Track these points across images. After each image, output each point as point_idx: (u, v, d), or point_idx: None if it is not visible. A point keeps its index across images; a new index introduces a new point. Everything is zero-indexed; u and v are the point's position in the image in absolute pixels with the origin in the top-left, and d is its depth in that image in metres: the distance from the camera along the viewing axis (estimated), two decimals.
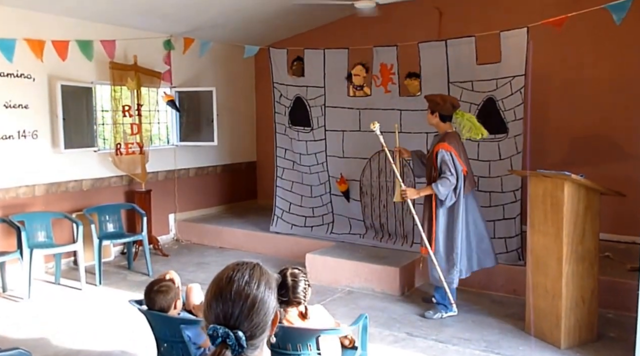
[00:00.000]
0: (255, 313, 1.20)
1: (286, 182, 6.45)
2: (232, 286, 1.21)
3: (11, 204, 5.38)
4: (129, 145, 6.23)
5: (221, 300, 1.20)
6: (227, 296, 1.20)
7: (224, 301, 1.20)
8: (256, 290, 1.22)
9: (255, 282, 1.23)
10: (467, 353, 3.84)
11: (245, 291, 1.21)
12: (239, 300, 1.20)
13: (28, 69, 5.41)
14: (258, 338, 1.22)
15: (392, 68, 5.56)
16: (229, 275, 1.24)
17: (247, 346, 1.18)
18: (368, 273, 5.16)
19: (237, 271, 1.24)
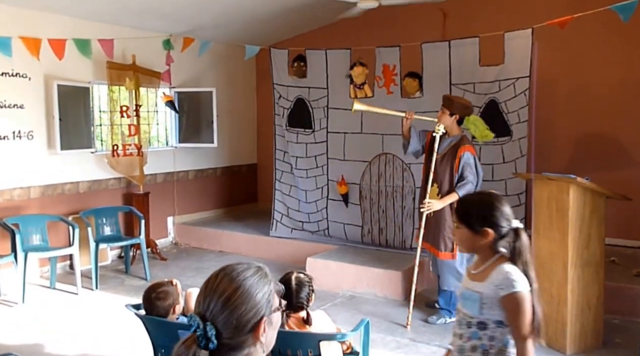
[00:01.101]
0: (231, 310, 1.20)
1: (285, 186, 6.45)
2: (217, 279, 1.24)
3: (5, 206, 5.37)
4: (127, 147, 6.22)
5: (203, 292, 1.23)
6: (210, 288, 1.23)
7: (206, 293, 1.22)
8: (238, 286, 1.22)
9: (242, 280, 1.23)
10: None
11: (228, 285, 1.21)
12: (218, 293, 1.21)
13: (24, 68, 5.41)
14: (233, 339, 1.20)
15: (394, 69, 5.57)
16: (223, 268, 1.27)
17: (221, 344, 1.18)
18: (370, 278, 5.16)
19: (230, 267, 1.26)
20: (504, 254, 1.98)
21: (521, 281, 1.91)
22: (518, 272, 1.92)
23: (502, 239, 1.98)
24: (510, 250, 1.97)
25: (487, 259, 2.01)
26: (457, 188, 4.19)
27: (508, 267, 1.93)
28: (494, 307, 1.94)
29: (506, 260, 1.97)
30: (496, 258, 1.99)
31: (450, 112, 4.33)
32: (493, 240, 1.98)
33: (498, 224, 1.96)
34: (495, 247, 1.99)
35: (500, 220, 1.97)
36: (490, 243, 1.98)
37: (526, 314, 1.89)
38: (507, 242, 1.97)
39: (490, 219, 1.97)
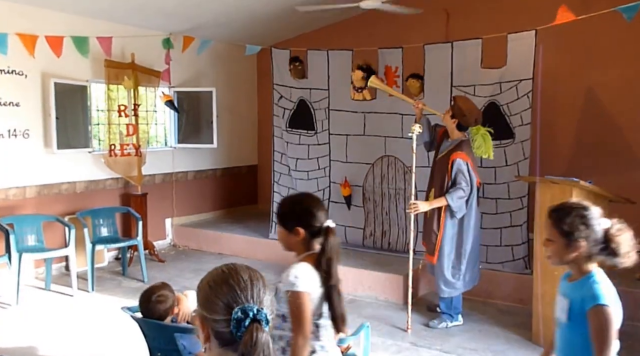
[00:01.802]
0: (269, 294, 1.27)
1: (283, 188, 6.40)
2: (239, 272, 1.27)
3: (2, 205, 5.32)
4: (125, 147, 6.18)
5: (235, 284, 1.24)
6: (239, 280, 1.25)
7: (238, 284, 1.24)
8: (260, 276, 1.29)
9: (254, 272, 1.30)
10: None
11: (255, 275, 1.28)
12: (261, 282, 1.27)
13: (20, 65, 5.36)
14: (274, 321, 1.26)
15: (396, 70, 5.55)
16: (226, 265, 1.30)
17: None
18: (372, 281, 5.12)
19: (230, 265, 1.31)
20: (312, 253, 2.07)
21: (301, 281, 1.99)
22: (303, 271, 2.01)
23: (313, 238, 2.08)
24: (320, 248, 2.05)
25: (299, 256, 2.10)
26: (447, 193, 4.17)
27: (296, 267, 2.03)
28: (282, 301, 2.02)
29: (311, 258, 2.06)
30: (303, 256, 2.09)
31: (452, 113, 4.31)
32: (305, 239, 2.08)
33: (309, 223, 2.07)
34: (307, 245, 2.09)
35: (312, 220, 2.07)
36: (302, 241, 2.09)
37: (302, 313, 1.97)
38: (319, 241, 2.06)
39: (302, 219, 2.08)
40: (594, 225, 1.93)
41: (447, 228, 4.28)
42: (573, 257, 1.96)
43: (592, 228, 1.93)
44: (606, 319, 1.89)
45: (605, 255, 1.94)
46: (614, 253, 1.93)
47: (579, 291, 1.96)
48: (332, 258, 2.05)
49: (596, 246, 1.93)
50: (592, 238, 1.93)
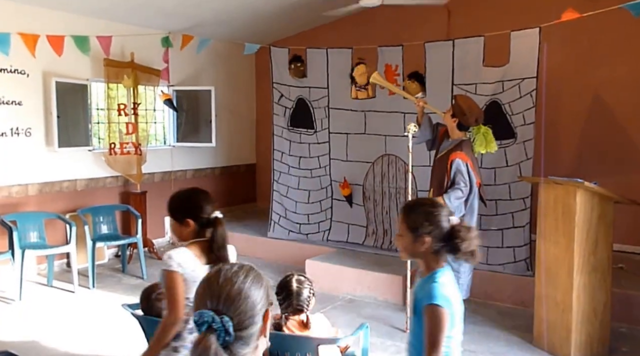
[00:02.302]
0: (243, 301, 1.21)
1: (282, 187, 6.41)
2: (220, 274, 1.25)
3: (3, 203, 5.35)
4: (124, 145, 6.19)
5: (208, 288, 1.23)
6: (214, 283, 1.23)
7: (211, 288, 1.23)
8: (243, 279, 1.24)
9: (243, 274, 1.25)
10: None
11: (232, 279, 1.23)
12: (226, 285, 1.22)
13: (22, 64, 5.38)
14: (246, 331, 1.21)
15: (397, 69, 5.54)
16: (217, 268, 1.28)
17: (236, 336, 1.18)
18: (371, 281, 5.12)
19: (226, 266, 1.28)
20: (198, 240, 2.26)
21: (174, 262, 2.16)
22: (178, 254, 2.17)
23: (203, 228, 2.25)
24: (210, 237, 2.24)
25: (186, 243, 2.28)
26: (445, 193, 4.16)
27: (175, 250, 2.20)
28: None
29: (197, 245, 2.25)
30: (188, 242, 2.27)
31: (452, 112, 4.30)
32: (194, 229, 2.26)
33: (198, 215, 2.26)
34: (197, 235, 2.26)
35: (200, 212, 2.25)
36: (192, 231, 2.26)
37: (173, 291, 2.15)
38: (209, 231, 2.24)
39: (191, 211, 2.26)
40: (439, 221, 1.99)
41: None
42: (420, 252, 2.01)
43: (438, 225, 1.98)
44: (437, 319, 1.90)
45: (447, 251, 2.00)
46: (455, 249, 1.98)
47: (422, 288, 2.00)
48: (221, 245, 2.24)
49: (440, 242, 1.98)
50: (437, 234, 1.98)
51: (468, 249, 1.96)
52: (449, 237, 1.97)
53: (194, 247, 2.25)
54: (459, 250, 1.97)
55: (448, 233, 1.97)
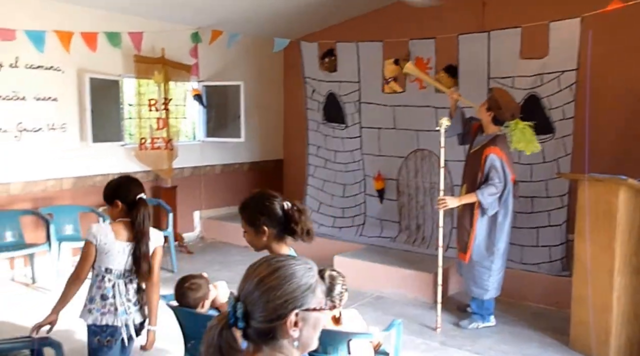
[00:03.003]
0: (262, 292, 1.21)
1: (317, 181, 6.44)
2: (257, 264, 1.27)
3: (40, 196, 5.53)
4: (155, 140, 6.31)
5: (245, 274, 1.28)
6: (249, 270, 1.27)
7: (245, 274, 1.27)
8: (270, 274, 1.23)
9: (280, 267, 1.24)
10: None
11: (263, 269, 1.24)
12: (253, 276, 1.24)
13: (57, 61, 5.54)
14: (261, 324, 1.21)
15: (428, 62, 5.47)
16: (264, 258, 1.29)
17: (248, 326, 1.20)
18: (400, 279, 5.09)
19: (273, 259, 1.28)
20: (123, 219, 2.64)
21: (90, 234, 2.59)
22: (96, 228, 2.60)
23: (131, 210, 2.62)
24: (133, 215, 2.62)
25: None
26: (479, 189, 4.09)
27: (97, 224, 2.64)
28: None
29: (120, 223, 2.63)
30: (114, 221, 2.66)
31: (487, 106, 4.23)
32: (122, 209, 2.62)
33: (124, 197, 2.62)
34: (126, 215, 2.62)
35: (126, 194, 2.62)
36: (120, 211, 2.63)
37: (82, 257, 2.64)
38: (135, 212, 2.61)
39: (119, 194, 2.63)
40: (272, 210, 2.19)
41: (479, 225, 4.21)
42: (265, 242, 2.22)
43: (271, 213, 2.19)
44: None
45: (287, 234, 2.20)
46: (292, 231, 2.18)
47: None
48: (140, 223, 2.60)
49: (277, 228, 2.19)
50: (273, 222, 2.19)
51: (303, 230, 2.18)
52: (285, 221, 2.17)
53: (118, 224, 2.63)
54: (295, 232, 2.18)
55: (283, 218, 2.17)
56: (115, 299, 2.66)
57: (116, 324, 2.66)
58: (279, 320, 1.21)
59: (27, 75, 5.36)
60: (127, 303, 2.69)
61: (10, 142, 5.30)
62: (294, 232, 2.19)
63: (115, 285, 2.66)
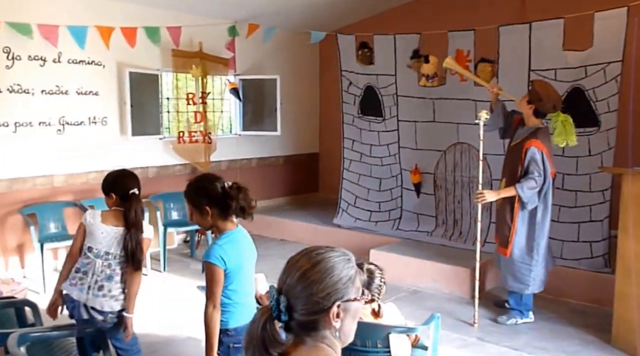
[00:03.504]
0: (302, 289, 1.25)
1: (353, 175, 6.49)
2: (298, 256, 1.31)
3: (82, 189, 5.75)
4: (192, 134, 6.46)
5: (285, 267, 1.31)
6: (289, 263, 1.31)
7: (286, 267, 1.31)
8: (311, 268, 1.26)
9: (322, 259, 1.28)
10: None
11: (305, 262, 1.28)
12: (293, 269, 1.28)
13: (98, 56, 5.73)
14: (305, 316, 1.25)
15: (468, 54, 5.43)
16: (304, 250, 1.33)
17: (291, 319, 1.24)
18: (436, 273, 5.12)
19: (313, 250, 1.32)
20: (115, 209, 2.89)
21: (84, 217, 2.91)
22: (90, 213, 2.90)
23: (124, 201, 2.86)
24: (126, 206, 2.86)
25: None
26: (518, 183, 4.06)
27: (92, 210, 2.94)
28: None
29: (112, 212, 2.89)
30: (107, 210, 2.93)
31: (528, 98, 4.20)
32: (116, 201, 2.88)
33: (118, 190, 2.87)
34: (120, 206, 2.87)
35: (121, 188, 2.86)
36: (115, 202, 2.89)
37: (75, 236, 2.95)
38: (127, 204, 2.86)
39: (114, 187, 2.88)
40: (210, 190, 2.40)
41: (519, 220, 4.19)
42: (210, 220, 2.42)
43: (210, 193, 2.39)
44: (209, 274, 2.39)
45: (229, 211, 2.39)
46: (228, 207, 2.37)
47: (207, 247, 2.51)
48: (133, 215, 2.83)
49: (218, 206, 2.38)
50: (213, 201, 2.38)
51: (237, 206, 2.37)
52: (224, 199, 2.37)
53: (109, 212, 2.92)
54: (230, 208, 2.37)
55: (222, 197, 2.37)
56: (86, 275, 2.86)
57: (75, 298, 2.85)
58: (321, 312, 1.26)
59: (70, 70, 5.57)
60: (94, 284, 2.84)
61: (54, 135, 5.52)
62: (229, 208, 2.38)
63: (91, 264, 2.86)
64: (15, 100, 5.20)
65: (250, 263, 2.53)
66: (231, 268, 2.39)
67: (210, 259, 2.36)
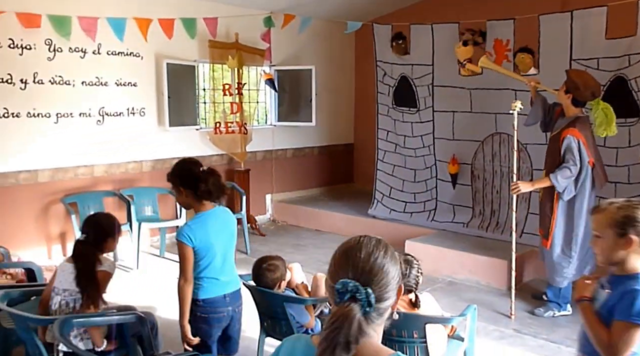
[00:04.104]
0: (383, 275, 1.28)
1: (387, 166, 6.53)
2: (362, 247, 1.31)
3: (121, 178, 5.96)
4: (229, 124, 6.59)
5: (351, 259, 1.29)
6: (357, 255, 1.29)
7: (353, 259, 1.29)
8: (383, 255, 1.30)
9: (383, 249, 1.32)
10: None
11: (373, 254, 1.30)
12: (368, 259, 1.28)
13: (136, 47, 5.90)
14: (384, 304, 1.28)
15: (507, 44, 5.40)
16: (357, 239, 1.34)
17: (374, 308, 1.25)
18: (472, 265, 5.13)
19: (364, 238, 1.34)
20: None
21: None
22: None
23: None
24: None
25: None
26: (552, 173, 4.05)
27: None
28: None
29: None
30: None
31: (566, 88, 4.17)
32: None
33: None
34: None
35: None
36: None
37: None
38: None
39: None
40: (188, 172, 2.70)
41: (559, 211, 4.18)
42: (187, 200, 2.72)
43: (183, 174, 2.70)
44: (179, 251, 2.67)
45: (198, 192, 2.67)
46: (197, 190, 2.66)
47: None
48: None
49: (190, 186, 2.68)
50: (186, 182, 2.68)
51: (205, 188, 2.63)
52: (194, 182, 2.63)
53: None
54: (199, 189, 2.64)
55: (193, 179, 2.64)
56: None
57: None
58: (394, 296, 1.31)
59: (109, 62, 5.75)
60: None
61: (94, 125, 5.72)
62: (197, 189, 2.64)
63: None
64: (57, 91, 5.41)
65: (222, 242, 2.77)
66: (199, 246, 2.66)
67: (179, 237, 2.65)
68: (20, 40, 5.12)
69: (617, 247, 1.96)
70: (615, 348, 1.89)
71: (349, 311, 1.21)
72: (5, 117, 5.11)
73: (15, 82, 5.14)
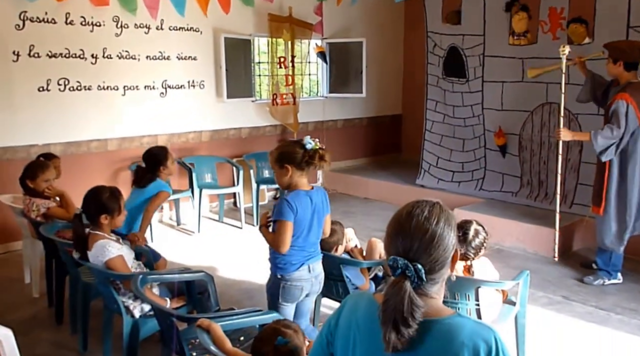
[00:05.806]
0: (434, 248, 1.26)
1: (435, 136, 6.42)
2: (412, 220, 1.27)
3: (183, 147, 6.12)
4: (284, 96, 6.63)
5: (401, 234, 1.28)
6: (406, 230, 1.27)
7: (404, 235, 1.27)
8: (435, 225, 1.27)
9: (435, 218, 1.28)
10: (633, 323, 3.64)
11: (424, 226, 1.27)
12: (418, 234, 1.26)
13: (196, 22, 5.97)
14: (437, 273, 1.28)
15: (562, 12, 5.14)
16: (408, 210, 1.31)
17: (427, 280, 1.25)
18: (520, 233, 5.04)
19: (417, 208, 1.30)
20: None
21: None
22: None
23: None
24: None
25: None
26: (593, 131, 3.96)
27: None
28: None
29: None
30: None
31: (612, 59, 4.02)
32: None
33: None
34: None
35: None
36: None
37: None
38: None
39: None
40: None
41: (612, 177, 4.05)
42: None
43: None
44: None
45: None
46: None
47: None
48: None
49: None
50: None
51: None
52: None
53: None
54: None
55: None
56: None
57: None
58: (450, 261, 1.30)
59: (171, 37, 5.85)
60: None
61: (157, 98, 5.87)
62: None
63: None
64: (123, 65, 5.56)
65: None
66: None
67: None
68: (91, 18, 5.27)
69: None
70: None
71: (400, 287, 1.23)
72: (79, 90, 5.30)
73: (87, 57, 5.30)
